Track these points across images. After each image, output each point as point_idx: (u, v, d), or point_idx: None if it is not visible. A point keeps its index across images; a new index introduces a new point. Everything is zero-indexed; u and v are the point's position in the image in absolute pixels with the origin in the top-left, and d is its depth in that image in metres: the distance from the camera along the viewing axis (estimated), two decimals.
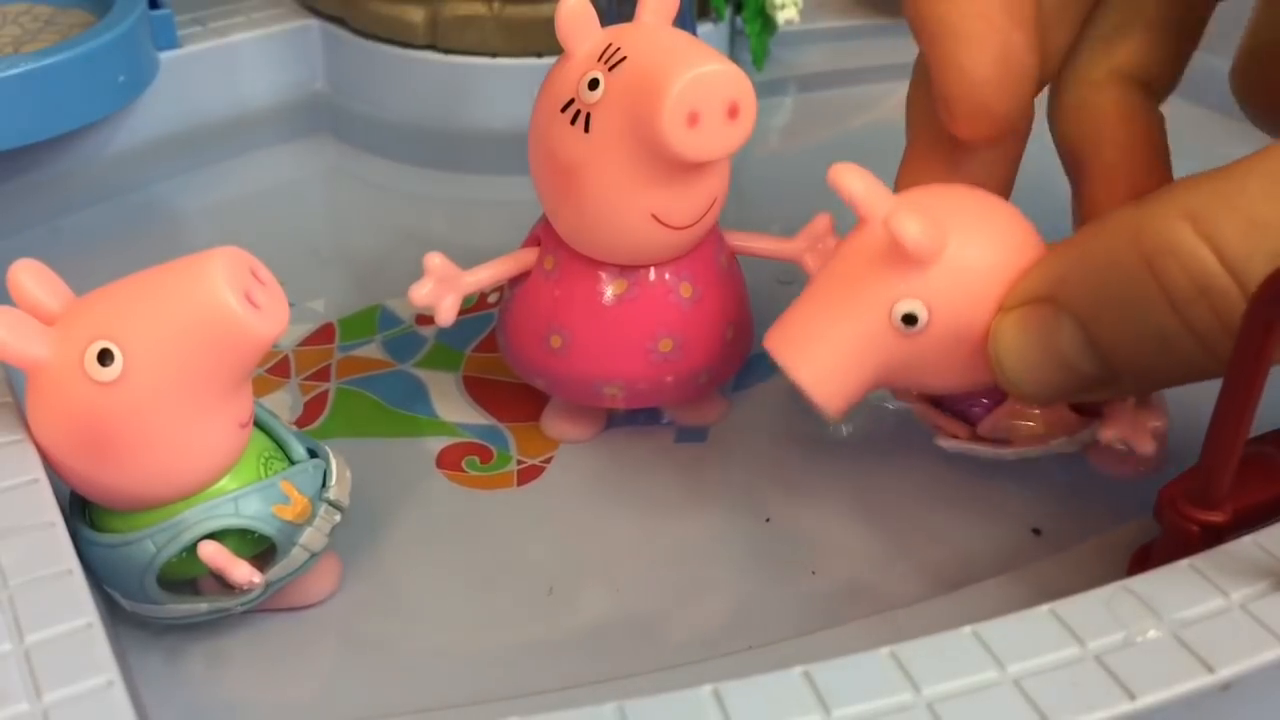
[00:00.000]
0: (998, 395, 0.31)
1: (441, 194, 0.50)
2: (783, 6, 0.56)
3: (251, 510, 0.27)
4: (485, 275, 0.33)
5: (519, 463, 0.35)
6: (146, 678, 0.27)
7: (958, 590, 0.30)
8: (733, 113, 0.28)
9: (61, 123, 0.43)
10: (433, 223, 0.48)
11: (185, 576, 0.27)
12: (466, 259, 0.33)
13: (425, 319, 0.40)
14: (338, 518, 0.29)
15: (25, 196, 0.45)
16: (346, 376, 0.38)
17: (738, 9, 0.57)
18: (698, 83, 0.28)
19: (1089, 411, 0.30)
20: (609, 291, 0.32)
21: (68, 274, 0.27)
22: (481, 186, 0.50)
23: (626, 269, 0.32)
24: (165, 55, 0.48)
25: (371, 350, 0.39)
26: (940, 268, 0.27)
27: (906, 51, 0.31)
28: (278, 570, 0.28)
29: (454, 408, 0.37)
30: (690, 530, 0.33)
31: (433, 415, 0.37)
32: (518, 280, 0.34)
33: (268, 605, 0.29)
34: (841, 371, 0.28)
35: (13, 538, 0.24)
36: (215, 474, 0.27)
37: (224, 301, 0.24)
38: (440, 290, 0.32)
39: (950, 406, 0.32)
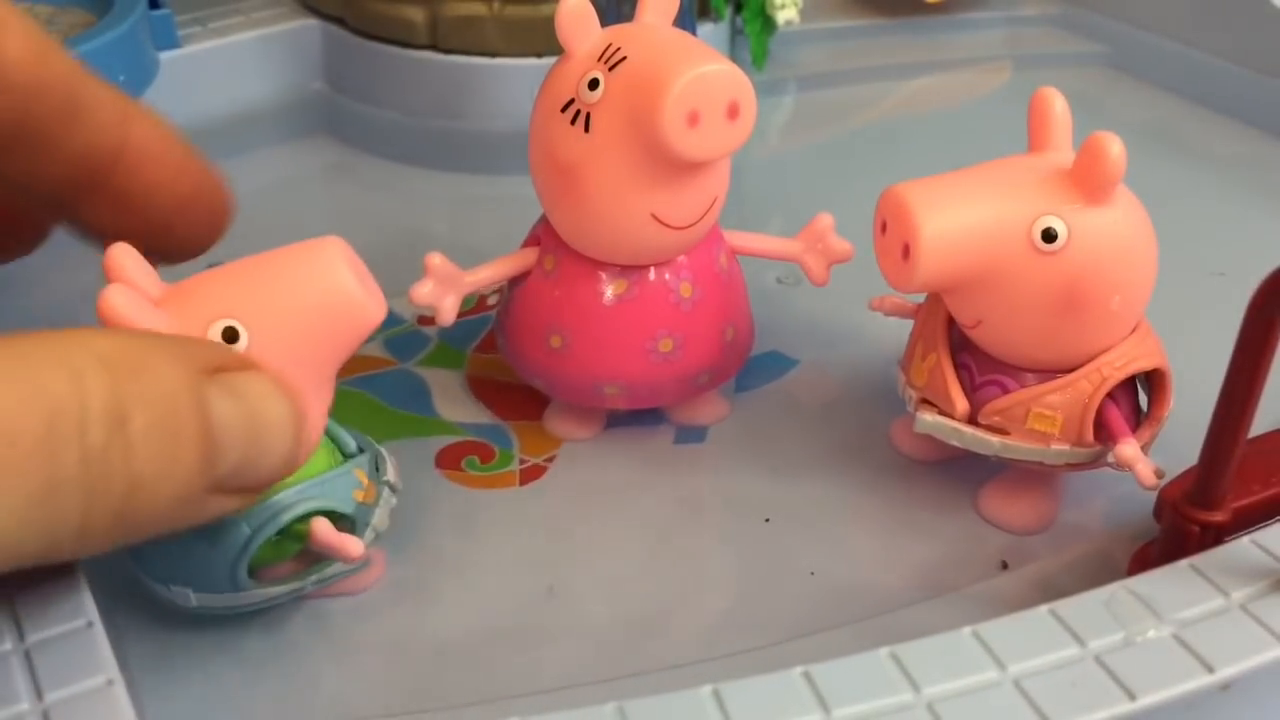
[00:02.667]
0: (1030, 383, 0.30)
1: (441, 194, 0.50)
2: (783, 6, 0.56)
3: (338, 493, 0.28)
4: (485, 275, 0.33)
5: (521, 462, 0.35)
6: (147, 678, 0.28)
7: (957, 591, 0.30)
8: (733, 112, 0.28)
9: None
10: (432, 222, 0.48)
11: (261, 563, 0.28)
12: (466, 259, 0.33)
13: (427, 319, 0.40)
14: (394, 500, 0.30)
15: None
16: (347, 375, 0.38)
17: (738, 9, 0.57)
18: (698, 82, 0.28)
19: (1098, 434, 0.30)
20: (609, 291, 0.32)
21: (69, 273, 0.27)
22: (481, 186, 0.50)
23: (626, 269, 0.32)
24: (165, 55, 0.48)
25: (373, 349, 0.39)
26: (1101, 214, 0.28)
27: (906, 51, 0.31)
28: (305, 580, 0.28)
29: (456, 407, 0.37)
30: (690, 530, 0.33)
31: (433, 415, 0.37)
32: (517, 280, 0.34)
33: (326, 591, 0.29)
34: (958, 243, 0.28)
35: None
36: (309, 455, 0.27)
37: (347, 284, 0.25)
38: (440, 290, 0.32)
39: (972, 374, 0.31)
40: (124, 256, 0.25)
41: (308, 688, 0.28)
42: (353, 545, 0.27)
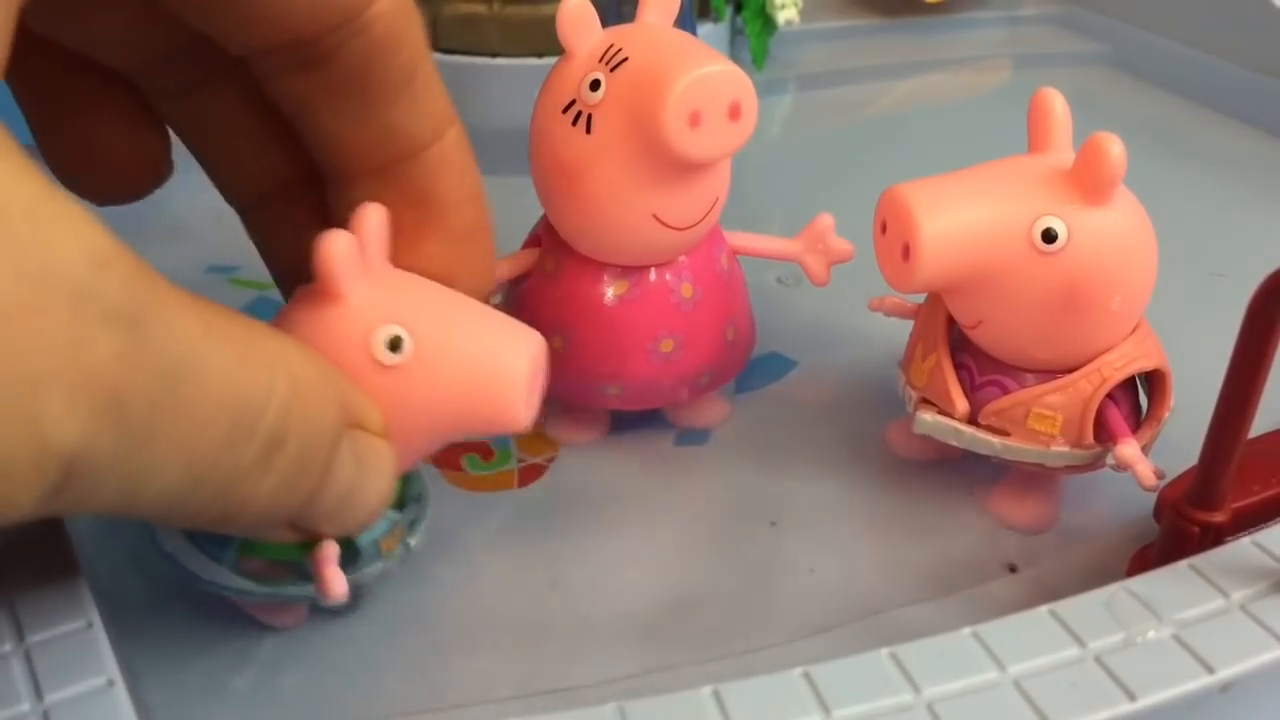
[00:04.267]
0: (1030, 384, 0.30)
1: None
2: (783, 6, 0.56)
3: (372, 535, 0.27)
4: None
5: (520, 461, 0.35)
6: (148, 679, 0.28)
7: (958, 592, 0.30)
8: (734, 113, 0.28)
9: None
10: None
11: (250, 550, 0.27)
12: None
13: None
14: (394, 567, 0.28)
15: None
16: None
17: (738, 9, 0.57)
18: (700, 83, 0.28)
19: (1099, 434, 0.30)
20: (610, 292, 0.32)
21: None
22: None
23: (627, 269, 0.32)
24: None
25: None
26: (1101, 214, 0.28)
27: (906, 51, 0.31)
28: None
29: None
30: (691, 532, 0.33)
31: None
32: (518, 281, 0.34)
33: (257, 609, 0.29)
34: (958, 244, 0.28)
35: (14, 538, 0.24)
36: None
37: (516, 389, 0.25)
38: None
39: (972, 374, 0.31)
40: (374, 215, 0.25)
41: (309, 688, 0.28)
42: (338, 586, 0.26)
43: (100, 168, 0.26)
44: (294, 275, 0.27)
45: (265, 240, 0.28)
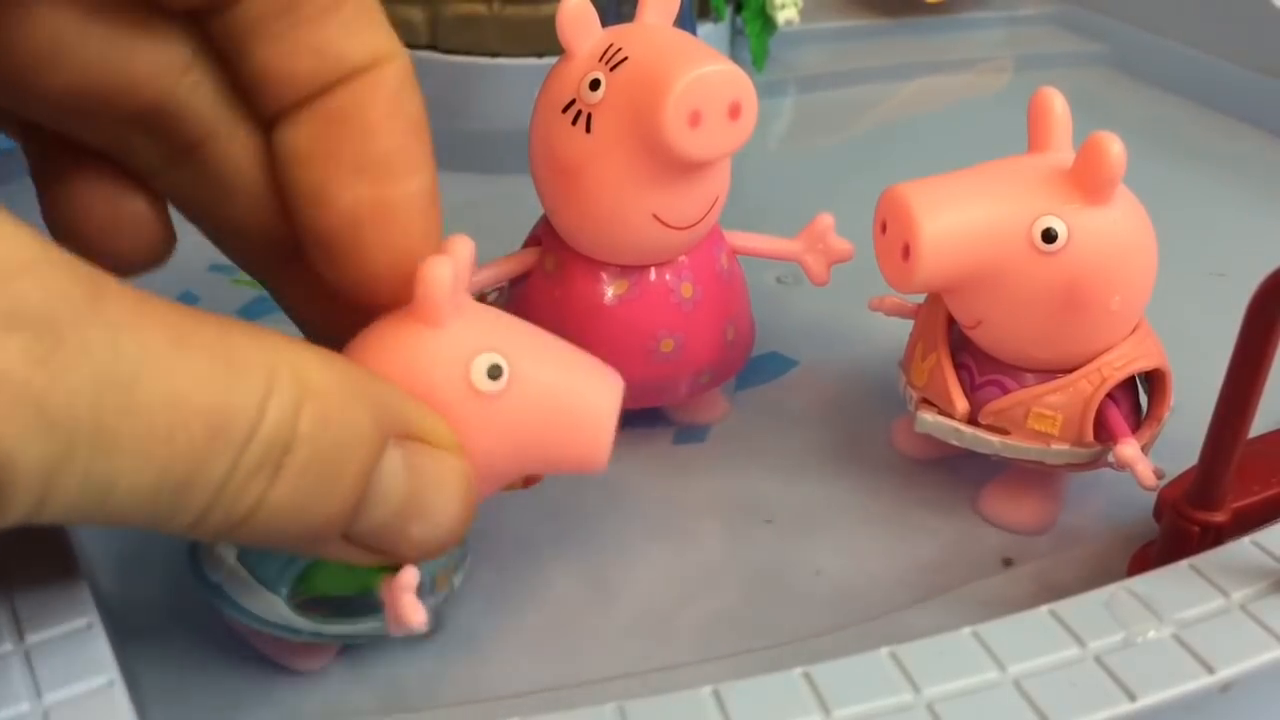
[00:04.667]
0: (1030, 383, 0.30)
1: (441, 192, 0.49)
2: (783, 7, 0.56)
3: (430, 570, 0.26)
4: (486, 276, 0.33)
5: None
6: (148, 679, 0.28)
7: (957, 591, 0.30)
8: (734, 112, 0.28)
9: None
10: None
11: (312, 589, 0.26)
12: None
13: None
14: (444, 603, 0.28)
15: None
16: None
17: (738, 9, 0.57)
18: (700, 82, 0.28)
19: (1099, 434, 0.30)
20: (610, 292, 0.32)
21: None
22: (481, 186, 0.50)
23: (627, 269, 0.32)
24: None
25: None
26: (1101, 214, 0.28)
27: (906, 51, 0.31)
28: (366, 628, 0.27)
29: None
30: (690, 530, 0.33)
31: None
32: (518, 281, 0.34)
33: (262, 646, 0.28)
34: (958, 244, 0.28)
35: (14, 539, 0.24)
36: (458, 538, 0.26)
37: (601, 448, 0.25)
38: (456, 284, 0.32)
39: (972, 374, 0.31)
40: (464, 248, 0.25)
41: (309, 688, 0.28)
42: (417, 617, 0.24)
43: (94, 243, 0.26)
44: (323, 329, 0.26)
45: (290, 302, 0.28)
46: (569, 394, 0.25)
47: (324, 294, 0.26)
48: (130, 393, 0.18)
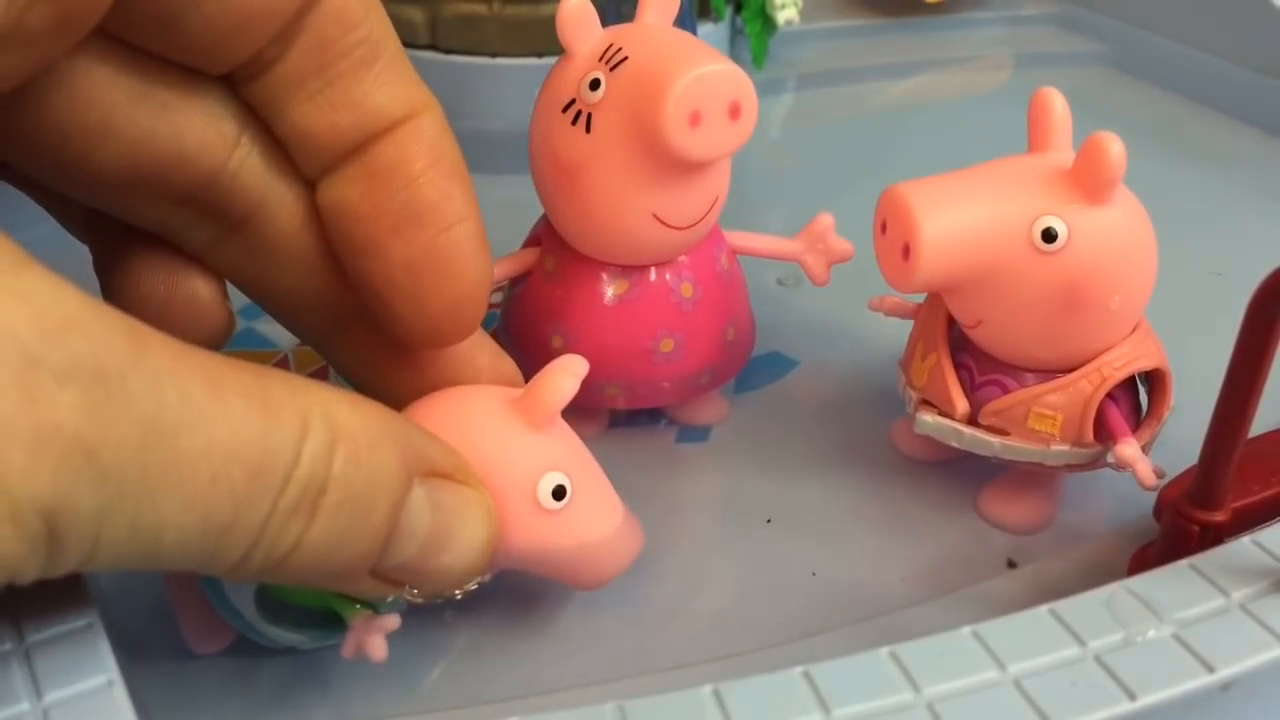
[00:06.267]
0: (1030, 383, 0.30)
1: None
2: (783, 6, 0.56)
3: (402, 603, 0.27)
4: None
5: None
6: (146, 678, 0.28)
7: (958, 591, 0.30)
8: (734, 112, 0.28)
9: None
10: None
11: (285, 596, 0.26)
12: None
13: None
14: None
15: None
16: None
17: (738, 9, 0.57)
18: (700, 82, 0.28)
19: (1098, 433, 0.30)
20: (610, 292, 0.32)
21: None
22: (480, 186, 0.49)
23: (627, 269, 0.32)
24: None
25: None
26: (1101, 214, 0.28)
27: (903, 51, 0.31)
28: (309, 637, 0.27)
29: None
30: (691, 530, 0.33)
31: None
32: (518, 281, 0.34)
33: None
34: (958, 243, 0.28)
35: None
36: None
37: (601, 586, 0.28)
38: None
39: (972, 374, 0.31)
40: (582, 367, 0.27)
41: (307, 684, 0.28)
42: (379, 655, 0.25)
43: (155, 326, 0.26)
44: (382, 392, 0.27)
45: (349, 368, 0.28)
46: (603, 538, 0.27)
47: (382, 358, 0.27)
48: (174, 441, 0.18)
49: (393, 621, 0.25)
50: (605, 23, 0.31)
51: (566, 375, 0.26)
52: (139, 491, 0.18)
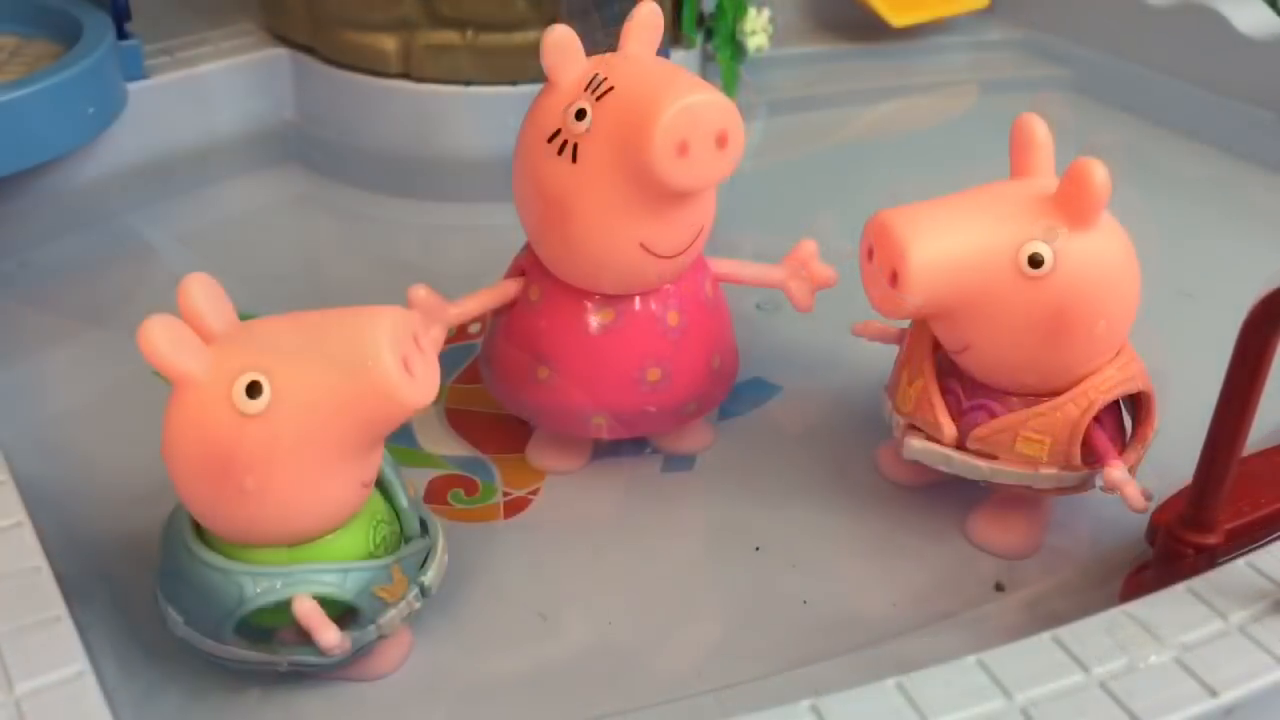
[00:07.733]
0: (1017, 407, 0.31)
1: (413, 221, 0.49)
2: (754, 33, 0.56)
3: (356, 587, 0.26)
4: (471, 306, 0.33)
5: (505, 495, 0.34)
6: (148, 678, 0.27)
7: (950, 617, 0.30)
8: (722, 142, 0.28)
9: (29, 156, 0.42)
10: (405, 250, 0.48)
11: (266, 625, 0.26)
12: (438, 285, 0.33)
13: None
14: (419, 605, 0.28)
15: None
16: None
17: (709, 35, 0.57)
18: (687, 112, 0.28)
19: (1085, 457, 0.30)
20: (595, 321, 0.32)
21: (37, 306, 0.26)
22: (454, 214, 0.50)
23: (613, 298, 0.32)
24: (133, 86, 0.48)
25: None
26: (1086, 239, 0.28)
27: (874, 76, 0.32)
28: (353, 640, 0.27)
29: (437, 440, 0.36)
30: (679, 559, 0.33)
31: (415, 447, 0.36)
32: (501, 311, 0.34)
33: (344, 673, 0.28)
34: (946, 269, 0.28)
35: None
36: (328, 526, 0.26)
37: (385, 368, 0.24)
38: (426, 322, 0.32)
39: (959, 398, 0.31)
40: (195, 287, 0.25)
41: (306, 687, 0.27)
42: (328, 635, 0.25)
43: None
44: None
45: None
46: (342, 372, 0.25)
47: None
48: None
49: (302, 603, 0.25)
50: (588, 52, 0.31)
51: (190, 283, 0.25)
52: None
